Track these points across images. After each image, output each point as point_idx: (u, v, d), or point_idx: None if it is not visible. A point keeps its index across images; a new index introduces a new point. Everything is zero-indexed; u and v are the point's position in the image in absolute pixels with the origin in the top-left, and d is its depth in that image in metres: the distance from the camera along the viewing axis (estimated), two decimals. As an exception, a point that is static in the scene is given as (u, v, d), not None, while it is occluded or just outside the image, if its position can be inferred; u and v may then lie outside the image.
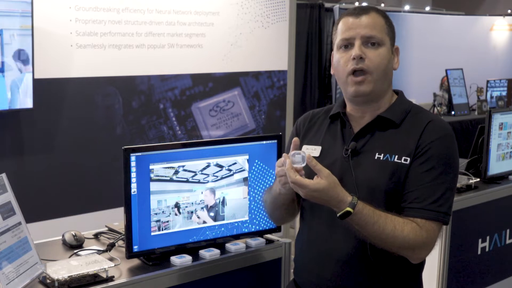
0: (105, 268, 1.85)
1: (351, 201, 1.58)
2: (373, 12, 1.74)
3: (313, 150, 1.81)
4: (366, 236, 1.63)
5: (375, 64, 1.70)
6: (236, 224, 2.17)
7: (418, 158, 1.68)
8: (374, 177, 1.69)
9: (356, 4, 8.57)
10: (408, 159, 1.68)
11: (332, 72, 1.81)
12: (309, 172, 1.60)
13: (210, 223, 2.11)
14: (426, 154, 1.67)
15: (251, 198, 2.18)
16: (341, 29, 1.73)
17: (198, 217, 2.09)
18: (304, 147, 1.85)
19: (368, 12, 1.73)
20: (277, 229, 2.26)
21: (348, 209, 1.57)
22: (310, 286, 1.82)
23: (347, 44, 1.72)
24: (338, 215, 1.59)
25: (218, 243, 2.14)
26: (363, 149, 1.74)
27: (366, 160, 1.72)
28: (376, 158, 1.71)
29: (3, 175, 1.80)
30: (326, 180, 1.57)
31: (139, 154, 1.96)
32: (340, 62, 1.73)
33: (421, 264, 1.78)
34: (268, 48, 4.47)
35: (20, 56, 3.18)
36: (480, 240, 3.20)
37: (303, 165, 1.59)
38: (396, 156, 1.69)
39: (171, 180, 2.02)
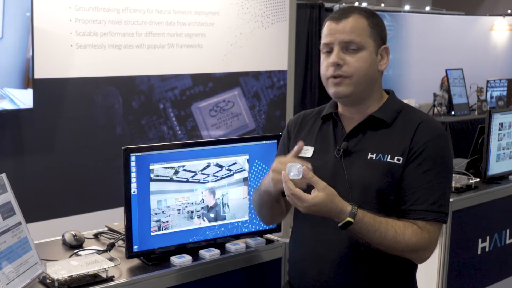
0: (105, 268, 1.85)
1: (351, 210, 1.58)
2: (355, 14, 1.72)
3: (305, 151, 1.81)
4: (368, 242, 1.64)
5: (353, 69, 1.70)
6: (236, 224, 2.17)
7: (413, 160, 1.68)
8: (367, 176, 1.70)
9: (356, 4, 8.56)
10: (401, 158, 1.69)
11: None
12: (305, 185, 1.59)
13: (210, 223, 2.11)
14: (421, 155, 1.68)
15: (251, 198, 2.18)
16: (324, 33, 1.76)
17: (198, 217, 2.09)
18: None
19: (348, 16, 1.71)
20: (277, 229, 2.26)
21: (349, 219, 1.58)
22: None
23: (328, 49, 1.74)
24: (339, 225, 1.60)
25: (218, 243, 2.14)
26: (355, 149, 1.74)
27: (359, 160, 1.72)
28: (368, 158, 1.71)
29: (3, 175, 1.80)
30: (324, 192, 1.57)
31: (139, 154, 1.96)
32: (322, 66, 1.76)
33: (415, 263, 1.79)
34: (268, 48, 4.47)
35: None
36: (480, 240, 3.20)
37: (300, 177, 1.58)
38: (389, 156, 1.70)
39: (171, 180, 2.02)
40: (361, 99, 1.75)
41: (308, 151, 1.81)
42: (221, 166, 2.11)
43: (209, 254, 2.06)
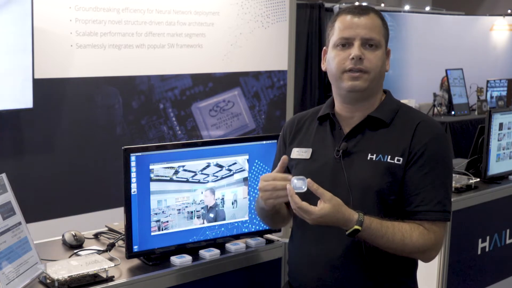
0: (105, 268, 1.85)
1: (358, 218, 1.59)
2: (372, 13, 1.75)
3: (304, 153, 1.81)
4: (376, 247, 1.65)
5: (373, 65, 1.71)
6: (236, 224, 2.17)
7: (415, 162, 1.68)
8: (367, 177, 1.70)
9: (356, 4, 8.56)
10: (401, 159, 1.69)
11: (323, 68, 1.81)
12: (307, 196, 1.59)
13: (210, 223, 2.11)
14: (422, 157, 1.68)
15: (251, 198, 2.18)
16: (340, 27, 1.73)
17: (198, 217, 2.09)
18: (294, 150, 1.84)
19: (368, 13, 1.73)
20: (277, 229, 2.26)
21: (356, 227, 1.58)
22: None
23: (345, 43, 1.71)
24: (346, 233, 1.60)
25: (218, 243, 2.14)
26: (355, 150, 1.74)
27: (358, 160, 1.72)
28: (368, 158, 1.71)
29: (3, 175, 1.80)
30: (330, 203, 1.57)
31: (139, 154, 1.96)
32: (336, 59, 1.72)
33: (415, 262, 1.80)
34: (268, 48, 4.47)
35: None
36: (480, 240, 3.20)
37: (305, 189, 1.58)
38: (389, 157, 1.70)
39: (171, 180, 2.02)
40: (370, 95, 1.76)
41: (307, 153, 1.81)
42: (221, 166, 2.11)
43: (209, 254, 2.06)
